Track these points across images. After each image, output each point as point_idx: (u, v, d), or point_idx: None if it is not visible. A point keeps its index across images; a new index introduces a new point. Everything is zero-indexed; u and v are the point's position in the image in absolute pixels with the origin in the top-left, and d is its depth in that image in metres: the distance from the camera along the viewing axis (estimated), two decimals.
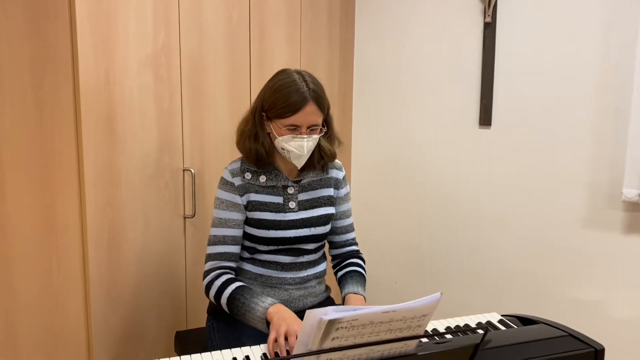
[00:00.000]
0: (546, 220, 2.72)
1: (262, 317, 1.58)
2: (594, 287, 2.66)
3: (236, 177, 1.74)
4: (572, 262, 2.68)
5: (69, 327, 1.84)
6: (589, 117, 2.58)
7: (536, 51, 2.66)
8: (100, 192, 1.81)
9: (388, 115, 3.10)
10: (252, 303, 1.61)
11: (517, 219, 2.80)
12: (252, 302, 1.61)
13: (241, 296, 1.64)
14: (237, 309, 1.64)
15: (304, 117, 1.64)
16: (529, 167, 2.73)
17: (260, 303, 1.60)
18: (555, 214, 2.69)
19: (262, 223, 1.74)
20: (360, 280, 1.82)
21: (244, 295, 1.64)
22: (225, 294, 1.66)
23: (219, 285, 1.69)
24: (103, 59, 1.77)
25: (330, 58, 2.92)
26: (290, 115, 1.64)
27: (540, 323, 1.66)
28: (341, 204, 1.89)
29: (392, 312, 1.05)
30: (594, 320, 2.67)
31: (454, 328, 1.66)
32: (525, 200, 2.76)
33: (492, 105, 2.79)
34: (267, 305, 1.59)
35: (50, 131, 1.73)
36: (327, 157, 1.79)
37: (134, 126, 1.90)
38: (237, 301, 1.64)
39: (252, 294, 1.64)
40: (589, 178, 2.60)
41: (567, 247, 2.68)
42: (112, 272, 1.89)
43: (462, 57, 2.85)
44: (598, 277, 2.64)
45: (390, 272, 3.21)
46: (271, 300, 1.61)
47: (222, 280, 1.69)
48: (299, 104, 1.63)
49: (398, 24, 3.01)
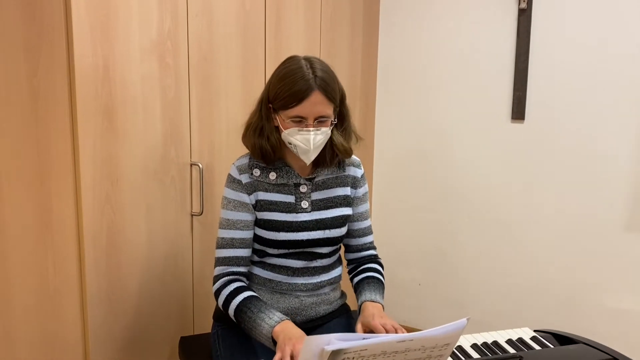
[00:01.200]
0: (584, 223, 2.58)
1: (268, 335, 1.46)
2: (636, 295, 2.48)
3: (244, 174, 1.60)
4: (612, 268, 2.54)
5: (66, 332, 1.73)
6: (632, 112, 2.41)
7: (575, 40, 2.50)
8: (99, 189, 1.69)
9: (413, 109, 2.96)
10: (259, 319, 1.49)
11: (551, 222, 2.65)
12: (258, 317, 1.49)
13: (248, 309, 1.52)
14: (245, 323, 1.53)
15: (310, 107, 1.49)
16: (565, 165, 2.58)
17: (266, 320, 1.47)
18: (595, 216, 2.55)
19: (272, 224, 1.60)
20: (377, 287, 1.67)
21: (251, 309, 1.52)
22: (233, 305, 1.55)
23: (227, 295, 1.57)
24: (101, 45, 1.64)
25: (352, 47, 2.77)
26: (294, 105, 1.49)
27: (579, 343, 1.49)
28: (359, 204, 1.74)
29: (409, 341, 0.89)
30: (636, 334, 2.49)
31: (481, 345, 1.50)
32: (561, 201, 2.62)
33: (525, 97, 2.65)
34: (273, 323, 1.47)
35: (45, 122, 1.61)
36: (341, 154, 1.64)
37: (136, 117, 1.78)
38: (245, 315, 1.52)
39: (259, 308, 1.51)
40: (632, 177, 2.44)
41: (607, 251, 2.55)
42: (112, 275, 1.78)
43: (494, 46, 2.70)
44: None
45: (413, 273, 3.08)
46: (278, 317, 1.48)
47: (230, 290, 1.57)
48: (303, 93, 1.48)
49: (426, 10, 2.87)
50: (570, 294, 2.64)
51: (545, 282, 2.70)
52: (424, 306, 3.09)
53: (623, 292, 2.52)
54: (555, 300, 2.69)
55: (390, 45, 2.99)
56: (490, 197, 2.80)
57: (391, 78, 3.01)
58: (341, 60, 2.69)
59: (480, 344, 1.51)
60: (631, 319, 2.52)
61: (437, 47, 2.86)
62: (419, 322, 3.11)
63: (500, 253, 2.81)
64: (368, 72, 2.95)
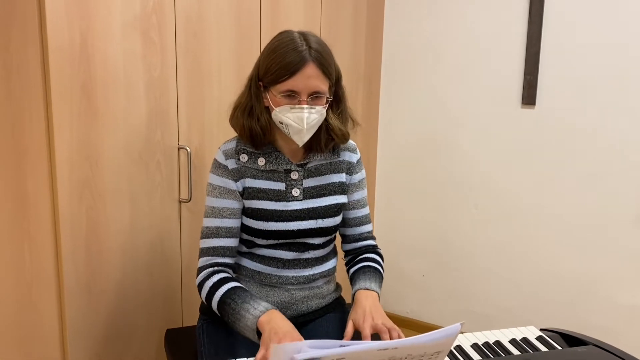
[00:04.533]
0: (595, 215, 2.47)
1: (252, 327, 1.35)
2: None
3: (230, 159, 1.50)
4: (623, 262, 2.44)
5: (43, 324, 1.64)
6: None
7: (590, 21, 2.38)
8: (76, 171, 1.58)
9: (419, 94, 2.85)
10: (243, 310, 1.38)
11: (561, 213, 2.54)
12: (242, 308, 1.39)
13: (232, 301, 1.41)
14: (228, 316, 1.42)
15: (303, 80, 1.38)
16: (577, 153, 2.47)
17: (251, 310, 1.37)
18: (606, 208, 2.45)
19: (261, 213, 1.49)
20: (374, 276, 1.56)
21: (235, 300, 1.41)
22: (216, 297, 1.45)
23: (210, 287, 1.47)
24: (78, 19, 1.54)
25: (356, 26, 2.65)
26: (286, 78, 1.38)
27: (589, 344, 1.38)
28: (355, 191, 1.62)
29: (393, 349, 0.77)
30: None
31: (483, 345, 1.39)
32: (572, 192, 2.51)
33: (537, 82, 2.52)
34: (258, 313, 1.36)
35: (19, 99, 1.51)
36: (337, 139, 1.52)
37: (117, 97, 1.67)
38: (228, 306, 1.42)
39: (244, 298, 1.41)
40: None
41: (618, 245, 2.45)
42: (93, 265, 1.68)
43: (504, 27, 2.58)
44: None
45: (417, 264, 2.99)
46: (264, 307, 1.38)
47: (213, 281, 1.47)
48: (296, 64, 1.37)
49: None
50: (581, 289, 2.53)
51: (554, 276, 2.59)
52: (427, 298, 2.99)
53: (636, 287, 2.40)
54: (565, 295, 2.57)
55: (396, 27, 2.86)
56: (498, 187, 2.69)
57: (396, 61, 2.88)
58: (343, 40, 2.57)
59: (482, 344, 1.40)
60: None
61: (445, 29, 2.72)
62: (422, 314, 3.01)
63: (507, 245, 2.70)
64: (372, 54, 2.82)
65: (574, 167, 2.49)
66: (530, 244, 2.64)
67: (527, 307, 2.69)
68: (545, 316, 2.62)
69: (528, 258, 2.66)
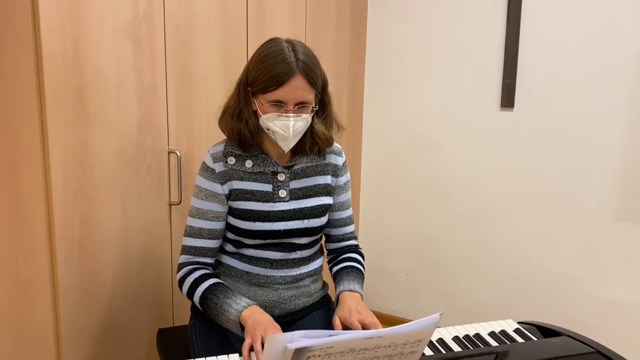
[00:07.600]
0: (573, 213, 2.53)
1: (235, 322, 1.42)
2: (626, 287, 2.45)
3: (218, 162, 1.55)
4: (601, 258, 2.50)
5: (37, 325, 1.68)
6: (623, 100, 2.36)
7: (566, 25, 2.44)
8: (70, 176, 1.63)
9: (402, 96, 2.91)
10: (225, 304, 1.46)
11: (540, 211, 2.61)
12: (225, 303, 1.46)
13: (214, 296, 1.48)
14: (210, 310, 1.49)
15: (290, 91, 1.43)
16: (555, 153, 2.53)
17: (233, 305, 1.44)
18: (585, 205, 2.51)
19: (248, 214, 1.55)
20: (356, 277, 1.63)
21: (217, 296, 1.48)
22: (198, 292, 1.52)
23: (191, 283, 1.54)
24: (71, 28, 1.58)
25: (340, 31, 2.71)
26: (274, 89, 1.43)
27: (563, 335, 1.45)
28: (340, 193, 1.68)
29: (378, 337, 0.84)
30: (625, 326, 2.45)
31: (463, 338, 1.46)
32: (550, 191, 2.57)
33: (515, 85, 2.60)
34: (240, 308, 1.43)
35: (13, 107, 1.54)
36: (322, 143, 1.58)
37: (109, 103, 1.71)
38: (210, 301, 1.48)
39: (226, 294, 1.48)
40: (622, 166, 2.40)
41: (595, 242, 2.51)
42: (86, 266, 1.72)
43: (483, 31, 2.64)
44: (631, 275, 2.43)
45: (402, 262, 3.04)
46: (245, 302, 1.45)
47: (194, 277, 1.54)
48: (284, 76, 1.42)
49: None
50: (560, 285, 2.60)
51: (534, 273, 2.67)
52: (411, 295, 3.05)
53: (612, 283, 2.48)
54: (545, 291, 2.65)
55: (379, 31, 2.93)
56: (479, 186, 2.76)
57: (380, 65, 2.95)
58: (328, 45, 2.63)
59: (462, 337, 1.47)
60: (621, 310, 2.48)
61: (426, 33, 2.79)
62: (407, 311, 3.08)
63: (489, 242, 2.77)
64: (356, 58, 2.88)
65: (552, 167, 2.56)
66: (511, 241, 2.71)
67: (508, 303, 2.76)
68: (525, 311, 2.70)
69: (509, 255, 2.73)
